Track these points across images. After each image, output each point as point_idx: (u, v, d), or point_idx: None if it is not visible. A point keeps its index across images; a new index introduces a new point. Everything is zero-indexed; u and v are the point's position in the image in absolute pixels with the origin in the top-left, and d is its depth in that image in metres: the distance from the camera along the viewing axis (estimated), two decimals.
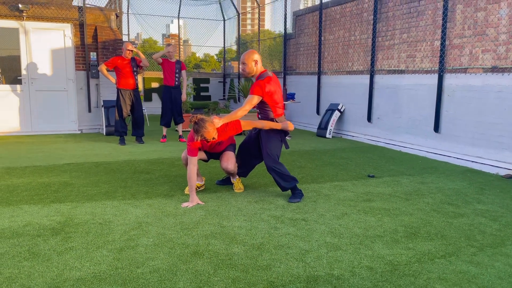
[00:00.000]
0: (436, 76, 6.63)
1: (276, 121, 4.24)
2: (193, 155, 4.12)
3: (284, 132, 4.30)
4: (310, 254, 2.95)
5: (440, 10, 6.55)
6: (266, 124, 4.20)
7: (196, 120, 3.95)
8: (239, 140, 5.13)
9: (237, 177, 4.65)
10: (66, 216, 3.69)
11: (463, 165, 6.07)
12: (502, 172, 5.51)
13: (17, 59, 8.68)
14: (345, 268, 2.75)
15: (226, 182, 4.84)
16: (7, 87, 8.66)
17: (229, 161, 4.35)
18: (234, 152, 4.50)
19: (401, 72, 7.39)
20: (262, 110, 4.27)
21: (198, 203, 4.09)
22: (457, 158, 6.21)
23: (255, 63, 4.19)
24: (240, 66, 4.29)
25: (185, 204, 4.03)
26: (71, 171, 5.42)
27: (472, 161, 5.97)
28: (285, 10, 11.02)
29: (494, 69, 5.71)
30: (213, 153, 4.48)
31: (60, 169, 5.56)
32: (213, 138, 4.04)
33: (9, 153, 6.70)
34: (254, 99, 4.12)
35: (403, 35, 7.32)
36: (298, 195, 4.28)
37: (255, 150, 4.49)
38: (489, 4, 5.78)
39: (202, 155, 4.44)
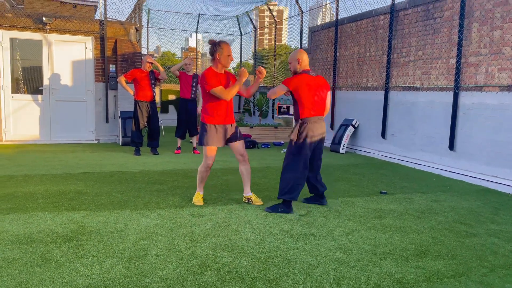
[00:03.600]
0: (451, 93, 6.59)
1: (301, 121, 4.32)
2: (217, 84, 4.27)
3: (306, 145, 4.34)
4: (317, 270, 2.95)
5: (456, 28, 6.54)
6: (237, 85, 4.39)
7: (215, 41, 4.30)
8: (251, 154, 5.17)
9: (251, 193, 4.66)
10: (79, 224, 3.77)
11: (478, 184, 5.98)
12: None
13: (39, 70, 8.96)
14: (352, 284, 2.74)
15: (314, 200, 4.78)
16: (29, 96, 8.93)
17: (240, 146, 4.54)
18: (244, 142, 4.67)
19: (416, 89, 7.36)
20: (294, 106, 4.46)
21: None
22: (472, 176, 6.12)
23: (298, 62, 4.41)
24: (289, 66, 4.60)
25: None
26: (86, 180, 5.53)
27: (488, 180, 5.88)
28: (301, 26, 11.14)
29: (511, 88, 5.66)
30: (230, 137, 4.52)
31: (76, 177, 5.68)
32: (229, 63, 4.33)
33: (28, 161, 6.88)
34: (280, 87, 4.38)
35: (418, 52, 7.31)
36: (277, 208, 4.32)
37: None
38: (505, 23, 5.75)
39: (219, 141, 4.46)
